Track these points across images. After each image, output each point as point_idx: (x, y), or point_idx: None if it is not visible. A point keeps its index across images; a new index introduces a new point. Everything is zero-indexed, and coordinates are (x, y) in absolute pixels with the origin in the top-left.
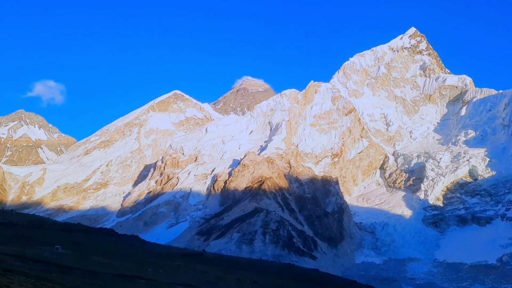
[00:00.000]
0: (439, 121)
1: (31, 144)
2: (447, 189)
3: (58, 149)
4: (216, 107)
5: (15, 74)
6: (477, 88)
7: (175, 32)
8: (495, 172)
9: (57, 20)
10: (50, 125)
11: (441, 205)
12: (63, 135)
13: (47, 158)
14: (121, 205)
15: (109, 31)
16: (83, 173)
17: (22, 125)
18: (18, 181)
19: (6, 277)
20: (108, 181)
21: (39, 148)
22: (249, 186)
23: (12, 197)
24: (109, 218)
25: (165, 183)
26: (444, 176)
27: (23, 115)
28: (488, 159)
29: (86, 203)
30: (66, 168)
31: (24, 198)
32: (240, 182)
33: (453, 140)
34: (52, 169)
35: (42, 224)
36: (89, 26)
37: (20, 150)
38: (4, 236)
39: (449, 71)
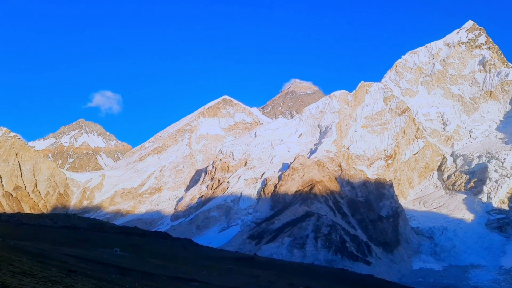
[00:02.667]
0: (502, 119)
1: (91, 152)
2: None
3: (115, 155)
4: (265, 111)
5: (77, 86)
6: None
7: (223, 39)
8: None
9: (112, 34)
10: (108, 133)
11: (507, 208)
12: (120, 142)
13: (105, 165)
14: (175, 209)
15: (160, 42)
16: (138, 178)
17: (82, 134)
18: (80, 187)
19: (71, 277)
20: (162, 186)
21: (97, 155)
22: (300, 189)
23: (74, 201)
24: (163, 222)
25: (216, 188)
26: (509, 178)
27: (83, 124)
28: None
29: (142, 207)
30: (122, 174)
31: (85, 203)
32: (290, 186)
33: None
34: (110, 175)
35: (101, 228)
36: (142, 39)
37: (81, 157)
38: (69, 239)
39: None
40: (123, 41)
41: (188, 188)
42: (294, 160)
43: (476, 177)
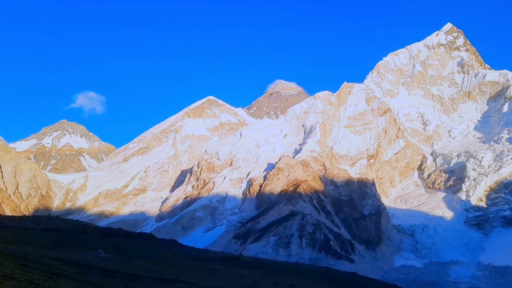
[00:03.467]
0: (479, 119)
1: (74, 153)
2: (491, 189)
3: (99, 156)
4: (250, 111)
5: (60, 86)
6: None
7: (208, 40)
8: None
9: (95, 35)
10: (91, 134)
11: (485, 206)
12: (103, 143)
13: (89, 166)
14: (159, 210)
15: (144, 43)
16: (122, 179)
17: (65, 134)
18: (62, 188)
19: (54, 280)
20: (146, 187)
21: (81, 156)
22: (285, 189)
23: (57, 203)
24: (148, 223)
25: (201, 188)
26: (486, 176)
27: (65, 125)
28: None
29: (126, 209)
30: (106, 175)
31: (68, 204)
32: (276, 186)
33: (496, 138)
34: (93, 176)
35: (85, 229)
36: (126, 40)
37: (64, 158)
38: (51, 241)
39: (489, 66)
40: (107, 42)
41: (173, 188)
42: (279, 160)
43: (455, 176)
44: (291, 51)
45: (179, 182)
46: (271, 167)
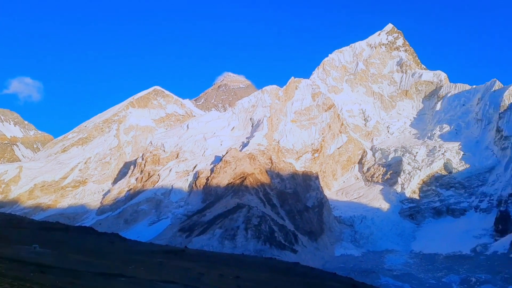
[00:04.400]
0: (415, 116)
1: (6, 142)
2: (423, 182)
3: (35, 146)
4: (198, 103)
5: None
6: (452, 83)
7: (154, 28)
8: (468, 165)
9: (32, 16)
10: (26, 122)
11: (417, 198)
12: (40, 132)
13: (23, 156)
14: (101, 203)
15: (86, 27)
16: (60, 170)
17: None
18: None
19: None
20: (86, 178)
21: (14, 146)
22: (231, 182)
23: None
24: (88, 216)
25: (145, 181)
26: (420, 170)
27: None
28: (462, 153)
29: (65, 201)
30: (43, 166)
31: None
32: (222, 179)
33: (429, 134)
34: (28, 167)
35: (18, 223)
36: (65, 23)
37: None
38: None
39: (425, 67)
40: (46, 24)
41: (115, 181)
42: (227, 153)
43: (392, 170)
44: (239, 44)
45: (122, 174)
46: (218, 160)
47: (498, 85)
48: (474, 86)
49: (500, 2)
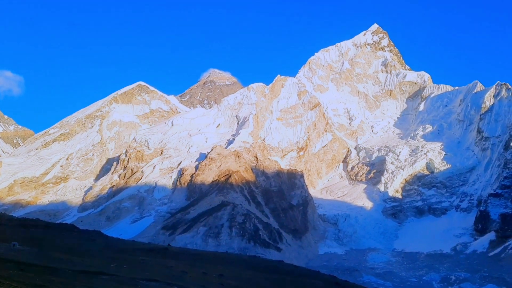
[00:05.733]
0: (399, 116)
1: None
2: (406, 181)
3: (15, 141)
4: (183, 99)
5: None
6: (435, 84)
7: (139, 23)
8: (450, 165)
9: (13, 10)
10: (6, 117)
11: (400, 197)
12: (20, 127)
13: (2, 151)
14: (82, 199)
15: (69, 21)
16: (41, 166)
17: None
18: None
19: None
20: (68, 175)
21: None
22: (216, 179)
23: None
24: (69, 213)
25: (128, 177)
26: (403, 169)
27: None
28: (444, 153)
29: (45, 198)
30: (23, 162)
31: None
32: (207, 176)
33: (412, 134)
34: (8, 162)
35: None
36: (47, 16)
37: None
38: None
39: (409, 67)
40: (24, 17)
41: (98, 177)
42: (212, 150)
43: (376, 169)
44: (226, 41)
45: (104, 170)
46: (203, 157)
47: (479, 86)
48: (456, 88)
49: (484, 5)
